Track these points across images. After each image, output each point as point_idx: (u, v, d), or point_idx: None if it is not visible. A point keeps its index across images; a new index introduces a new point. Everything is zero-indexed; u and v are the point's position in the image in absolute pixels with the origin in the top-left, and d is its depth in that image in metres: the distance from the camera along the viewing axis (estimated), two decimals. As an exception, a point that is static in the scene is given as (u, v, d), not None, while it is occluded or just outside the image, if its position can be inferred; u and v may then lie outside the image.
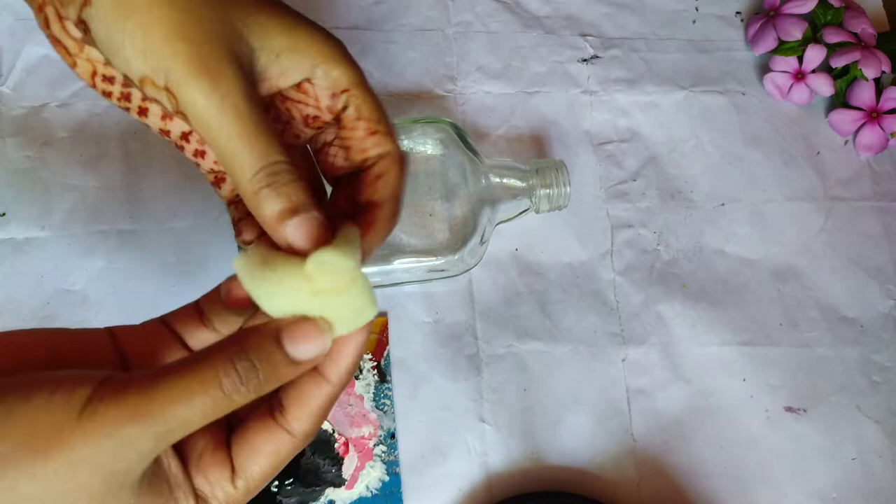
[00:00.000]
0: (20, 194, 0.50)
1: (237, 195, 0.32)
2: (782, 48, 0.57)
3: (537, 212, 0.49)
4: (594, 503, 0.47)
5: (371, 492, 0.47)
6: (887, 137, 0.56)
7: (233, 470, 0.27)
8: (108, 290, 0.49)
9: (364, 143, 0.31)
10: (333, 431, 0.47)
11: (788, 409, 0.51)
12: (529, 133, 0.55)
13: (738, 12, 0.61)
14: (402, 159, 0.31)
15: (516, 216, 0.50)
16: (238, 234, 0.32)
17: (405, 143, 0.48)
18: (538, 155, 0.55)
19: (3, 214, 0.50)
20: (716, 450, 0.50)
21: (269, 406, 0.28)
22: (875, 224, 0.56)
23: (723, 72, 0.59)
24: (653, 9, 0.60)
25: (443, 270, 0.48)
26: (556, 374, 0.50)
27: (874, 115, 0.56)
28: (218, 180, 0.32)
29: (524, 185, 0.48)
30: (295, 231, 0.27)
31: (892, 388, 0.52)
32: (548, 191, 0.48)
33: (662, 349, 0.51)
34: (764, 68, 0.58)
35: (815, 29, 0.57)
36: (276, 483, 0.46)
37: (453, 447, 0.48)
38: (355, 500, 0.46)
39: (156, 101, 0.28)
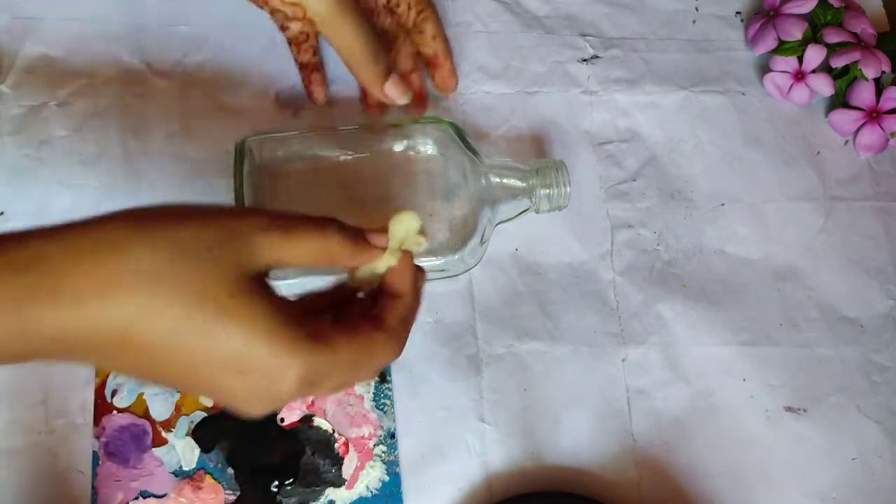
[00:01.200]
0: (19, 193, 0.50)
1: (306, 61, 0.52)
2: (782, 48, 0.57)
3: (537, 212, 0.49)
4: (594, 503, 0.46)
5: (371, 492, 0.47)
6: (887, 137, 0.56)
7: None
8: (108, 289, 0.49)
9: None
10: (333, 431, 0.47)
11: (788, 409, 0.51)
12: (529, 133, 0.55)
13: (738, 12, 0.61)
14: None
15: (516, 216, 0.50)
16: (310, 93, 0.53)
17: (405, 144, 0.48)
18: (538, 155, 0.55)
19: (2, 213, 0.50)
20: (716, 450, 0.50)
21: None
22: (875, 224, 0.56)
23: (723, 72, 0.59)
24: (653, 9, 0.60)
25: (443, 270, 0.48)
26: (556, 374, 0.50)
27: (874, 115, 0.56)
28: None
29: (524, 185, 0.48)
30: (391, 88, 0.48)
31: (892, 388, 0.52)
32: (548, 191, 0.48)
33: (662, 349, 0.51)
34: (764, 68, 0.58)
35: (815, 29, 0.57)
36: (276, 483, 0.46)
37: (453, 447, 0.48)
38: (355, 500, 0.46)
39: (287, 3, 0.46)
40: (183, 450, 0.46)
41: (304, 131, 0.49)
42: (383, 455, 0.47)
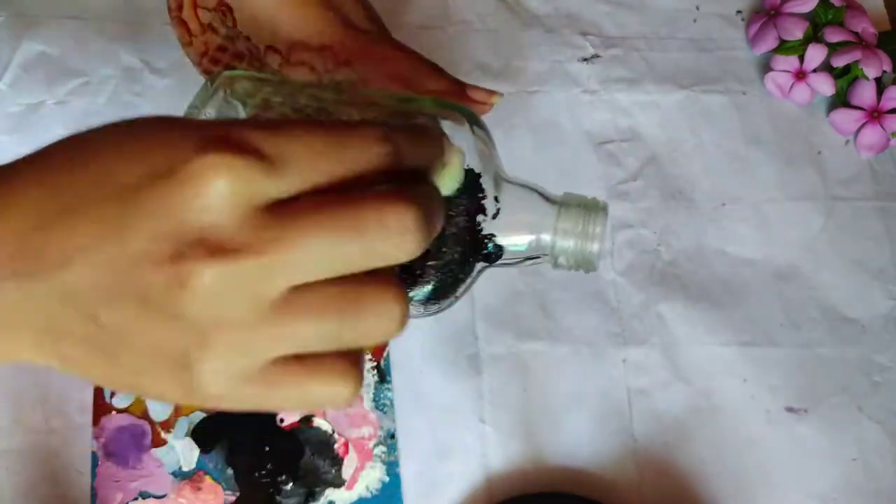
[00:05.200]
0: (17, 193, 0.50)
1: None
2: (783, 47, 0.57)
3: (555, 266, 0.34)
4: (595, 504, 0.46)
5: (371, 492, 0.46)
6: (888, 137, 0.56)
7: None
8: (106, 289, 0.49)
9: None
10: (333, 432, 0.47)
11: (789, 409, 0.51)
12: (529, 132, 0.55)
13: (738, 11, 0.61)
14: None
15: (521, 262, 0.35)
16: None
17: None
18: (539, 158, 0.54)
19: (0, 213, 0.49)
20: (717, 450, 0.50)
21: None
22: (876, 224, 0.56)
23: (724, 71, 0.59)
24: (654, 8, 0.60)
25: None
26: (557, 374, 0.50)
27: (875, 115, 0.56)
28: None
29: (543, 220, 0.33)
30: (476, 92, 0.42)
31: (893, 388, 0.52)
32: (569, 243, 0.33)
33: (663, 349, 0.51)
34: (765, 67, 0.58)
35: (815, 28, 0.57)
36: (276, 483, 0.46)
37: (453, 447, 0.48)
38: (355, 501, 0.46)
39: (301, 64, 0.38)
40: (182, 450, 0.46)
41: (297, 84, 0.37)
42: (383, 456, 0.47)
